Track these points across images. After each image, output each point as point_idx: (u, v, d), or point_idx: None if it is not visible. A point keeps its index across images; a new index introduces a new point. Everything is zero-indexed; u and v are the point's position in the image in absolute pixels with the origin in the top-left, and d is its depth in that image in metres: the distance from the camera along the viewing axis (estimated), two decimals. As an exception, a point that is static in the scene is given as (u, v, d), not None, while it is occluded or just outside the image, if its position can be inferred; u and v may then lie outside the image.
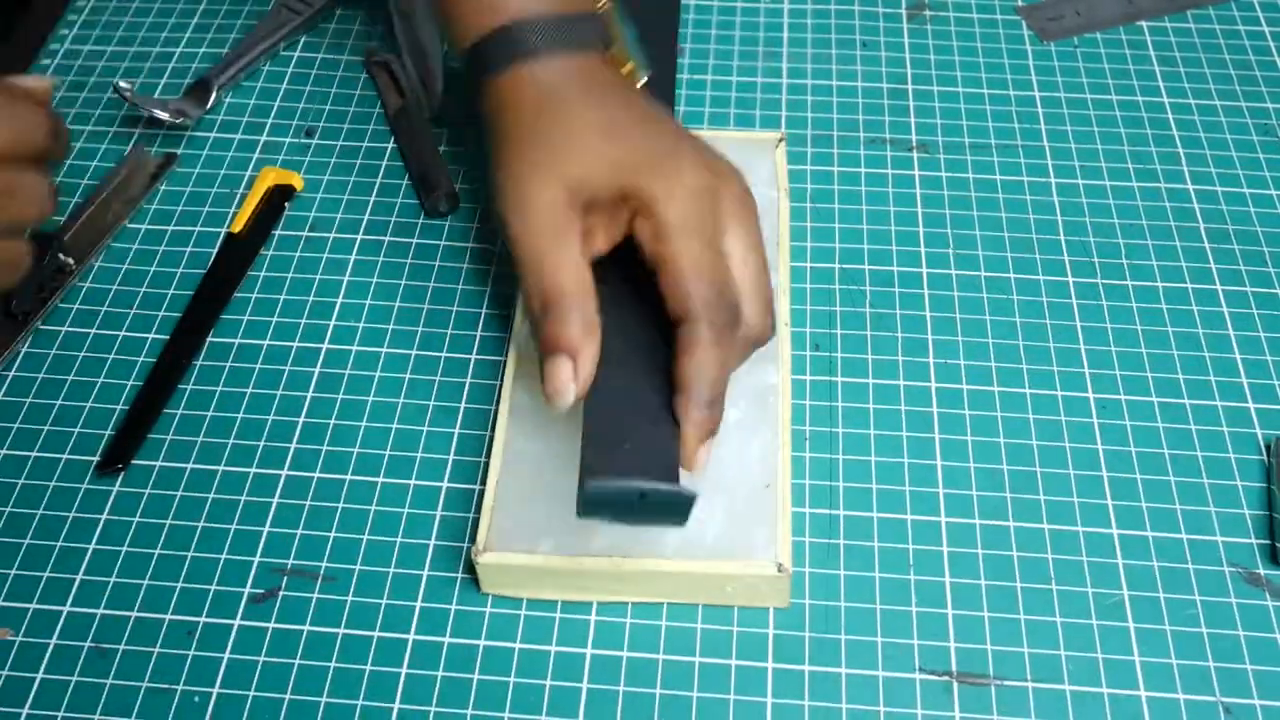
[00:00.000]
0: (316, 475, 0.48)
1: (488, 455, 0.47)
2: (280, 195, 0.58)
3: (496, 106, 0.48)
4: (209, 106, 0.61)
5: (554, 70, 0.48)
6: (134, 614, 0.45)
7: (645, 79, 0.52)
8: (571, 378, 0.42)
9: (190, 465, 0.49)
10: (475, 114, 0.51)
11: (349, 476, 0.48)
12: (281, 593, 0.45)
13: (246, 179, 0.59)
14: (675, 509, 0.41)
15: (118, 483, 0.48)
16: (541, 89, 0.47)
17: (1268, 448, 0.48)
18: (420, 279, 0.55)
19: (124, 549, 0.46)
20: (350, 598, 0.45)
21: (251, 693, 0.43)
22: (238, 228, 0.56)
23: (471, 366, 0.52)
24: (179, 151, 0.60)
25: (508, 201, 0.45)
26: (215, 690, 0.43)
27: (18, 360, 0.52)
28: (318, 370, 0.52)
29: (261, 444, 0.49)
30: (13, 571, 0.46)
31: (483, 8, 0.49)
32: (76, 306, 0.54)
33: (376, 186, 0.59)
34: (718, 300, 0.43)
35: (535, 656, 0.43)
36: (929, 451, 0.48)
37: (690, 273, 0.43)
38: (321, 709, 0.42)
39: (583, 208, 0.45)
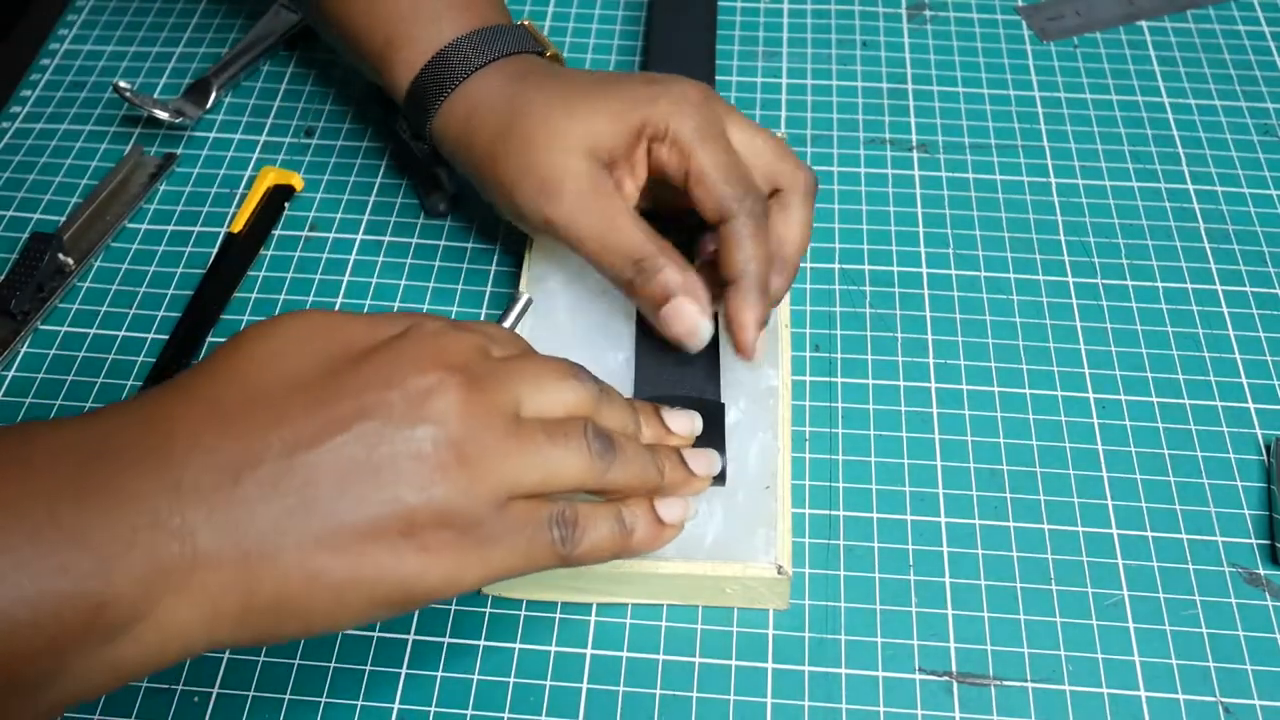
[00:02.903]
0: (316, 475, 0.48)
1: (488, 455, 0.47)
2: (280, 195, 0.58)
3: (463, 128, 0.49)
4: (208, 106, 0.61)
5: (502, 74, 0.49)
6: (134, 614, 0.44)
7: None
8: (699, 312, 0.44)
9: (190, 465, 0.49)
10: (439, 158, 0.52)
11: (349, 477, 0.48)
12: (281, 593, 0.45)
13: (246, 179, 0.59)
14: (712, 429, 0.44)
15: (117, 483, 0.48)
16: (502, 89, 0.48)
17: (1268, 448, 0.48)
18: (420, 279, 0.55)
19: (124, 549, 0.46)
20: (350, 598, 0.45)
21: (251, 693, 0.43)
22: (238, 227, 0.56)
23: (471, 367, 0.52)
24: (179, 151, 0.60)
25: (537, 195, 0.45)
26: (215, 690, 0.43)
27: (18, 360, 0.52)
28: (317, 370, 0.52)
29: (261, 444, 0.49)
30: (12, 572, 0.46)
31: (408, 44, 0.50)
32: (76, 306, 0.54)
33: (376, 186, 0.59)
34: (747, 194, 0.45)
35: (535, 657, 0.43)
36: (929, 452, 0.48)
37: (720, 177, 0.45)
38: (321, 709, 0.42)
39: (607, 166, 0.46)
